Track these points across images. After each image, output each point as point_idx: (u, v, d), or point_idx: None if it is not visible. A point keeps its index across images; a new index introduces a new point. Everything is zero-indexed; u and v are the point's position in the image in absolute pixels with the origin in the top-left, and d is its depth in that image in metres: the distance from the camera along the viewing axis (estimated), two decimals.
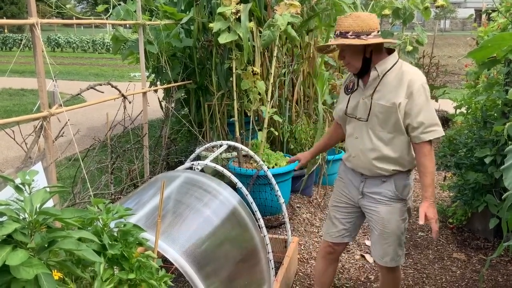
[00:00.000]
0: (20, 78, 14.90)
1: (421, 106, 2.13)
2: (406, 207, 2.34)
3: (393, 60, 2.23)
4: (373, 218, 2.37)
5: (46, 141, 2.59)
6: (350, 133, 2.39)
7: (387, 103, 2.17)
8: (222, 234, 2.15)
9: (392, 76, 2.20)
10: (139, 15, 3.95)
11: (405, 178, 2.31)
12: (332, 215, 2.57)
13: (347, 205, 2.50)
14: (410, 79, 2.15)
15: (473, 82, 4.72)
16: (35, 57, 2.49)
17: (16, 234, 1.10)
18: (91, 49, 27.41)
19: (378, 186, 2.32)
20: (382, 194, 2.31)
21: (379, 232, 2.36)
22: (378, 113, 2.21)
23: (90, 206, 1.45)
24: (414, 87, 2.13)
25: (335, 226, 2.54)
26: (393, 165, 2.26)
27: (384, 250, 2.37)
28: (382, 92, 2.20)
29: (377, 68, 2.22)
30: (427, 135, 2.15)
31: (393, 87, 2.18)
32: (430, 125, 2.14)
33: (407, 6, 6.11)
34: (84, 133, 7.30)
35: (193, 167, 2.45)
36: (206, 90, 4.94)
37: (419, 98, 2.13)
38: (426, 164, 2.18)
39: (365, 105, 2.26)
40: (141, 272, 1.38)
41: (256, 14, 4.25)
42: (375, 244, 2.43)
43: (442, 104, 7.42)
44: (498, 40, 1.59)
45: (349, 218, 2.51)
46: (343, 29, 2.17)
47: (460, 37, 27.79)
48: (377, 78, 2.22)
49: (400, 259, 2.42)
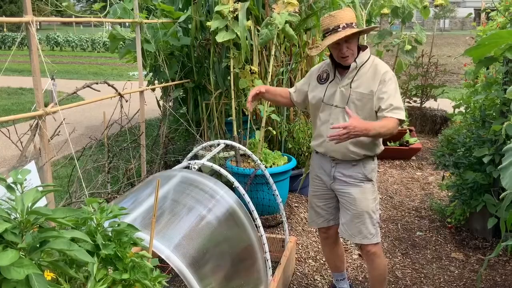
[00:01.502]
0: (19, 76, 14.88)
1: (391, 92, 2.38)
2: (374, 188, 2.58)
3: (368, 53, 2.51)
4: (346, 200, 2.57)
5: (41, 140, 2.58)
6: (325, 119, 2.57)
7: (365, 91, 2.42)
8: (218, 234, 2.14)
9: (367, 68, 2.46)
10: (137, 13, 3.93)
11: (372, 162, 2.56)
12: (312, 204, 2.80)
13: (323, 192, 2.71)
14: (384, 71, 2.43)
15: (472, 82, 4.71)
16: (30, 56, 2.48)
17: (6, 234, 1.09)
18: (90, 48, 27.38)
19: (348, 169, 2.54)
20: (352, 177, 2.53)
21: (352, 212, 2.55)
22: (355, 100, 2.44)
23: (84, 206, 1.43)
24: (387, 77, 2.41)
25: (317, 213, 2.78)
26: (364, 150, 2.48)
27: (357, 228, 2.56)
28: (360, 81, 2.44)
29: (356, 60, 2.46)
30: (393, 114, 2.35)
31: (369, 77, 2.43)
32: (397, 107, 2.36)
33: (405, 5, 6.10)
34: (81, 132, 7.29)
35: (190, 166, 2.43)
36: (204, 89, 4.93)
37: (391, 86, 2.39)
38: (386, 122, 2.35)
39: (342, 94, 2.48)
40: (135, 272, 1.37)
41: (254, 12, 4.23)
42: (347, 225, 2.60)
43: (441, 103, 7.41)
44: (495, 38, 1.58)
45: (329, 203, 2.72)
46: (348, 20, 2.39)
47: (459, 36, 27.79)
48: (355, 69, 2.46)
49: (373, 237, 2.58)
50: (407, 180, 5.34)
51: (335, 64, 2.54)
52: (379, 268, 2.66)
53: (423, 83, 7.36)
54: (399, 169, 5.76)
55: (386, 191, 4.96)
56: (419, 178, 5.40)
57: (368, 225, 2.55)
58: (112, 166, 3.87)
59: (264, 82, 4.06)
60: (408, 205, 4.60)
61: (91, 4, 42.70)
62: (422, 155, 6.23)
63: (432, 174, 5.51)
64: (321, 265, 3.42)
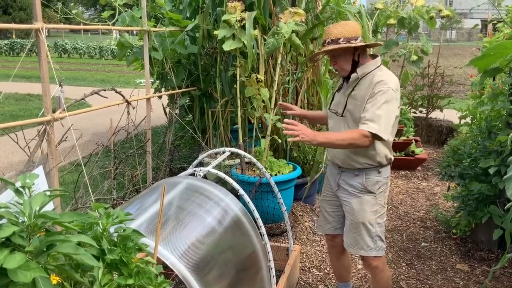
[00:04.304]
0: (27, 83, 15.01)
1: (373, 104, 2.33)
2: (376, 201, 2.52)
3: (374, 65, 2.46)
4: (346, 209, 2.59)
5: (49, 145, 2.60)
6: (331, 127, 2.64)
7: (357, 101, 2.43)
8: (223, 241, 2.14)
9: (368, 79, 2.43)
10: (145, 21, 3.97)
11: (376, 174, 2.51)
12: (322, 208, 2.82)
13: (332, 199, 2.73)
14: (379, 80, 2.37)
15: (478, 92, 4.71)
16: (39, 62, 2.51)
17: (14, 237, 1.09)
18: (98, 55, 27.58)
19: (351, 179, 2.55)
20: (353, 187, 2.54)
21: (350, 221, 2.57)
22: (350, 109, 2.47)
23: (90, 211, 1.44)
24: (376, 88, 2.35)
25: (325, 219, 2.80)
26: (364, 158, 2.47)
27: (354, 238, 2.57)
28: (357, 91, 2.45)
29: (358, 71, 2.46)
30: (363, 125, 2.32)
31: (365, 87, 2.42)
32: (370, 120, 2.30)
33: (412, 15, 6.12)
34: (88, 138, 7.33)
35: (196, 173, 2.44)
36: (210, 97, 4.95)
37: (377, 98, 2.33)
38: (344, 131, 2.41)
39: (342, 102, 2.53)
40: (140, 278, 1.37)
41: (260, 22, 4.26)
42: (346, 233, 2.62)
43: (447, 114, 7.40)
44: (500, 49, 1.58)
45: (336, 211, 2.73)
46: (334, 36, 2.40)
47: (466, 47, 27.76)
48: (356, 80, 2.46)
49: (371, 250, 2.55)
50: (413, 191, 5.33)
51: None
52: (381, 281, 2.64)
53: (429, 94, 7.35)
54: (405, 179, 5.74)
55: (391, 201, 4.94)
56: (425, 189, 5.38)
57: (365, 237, 2.53)
58: (118, 172, 3.89)
59: (270, 91, 4.08)
60: (413, 215, 4.58)
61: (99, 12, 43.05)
62: (428, 166, 6.21)
63: (437, 184, 5.49)
64: (325, 275, 3.40)
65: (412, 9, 6.22)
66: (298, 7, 4.24)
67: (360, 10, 4.98)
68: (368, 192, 2.51)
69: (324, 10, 4.56)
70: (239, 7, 3.88)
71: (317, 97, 4.76)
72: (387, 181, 2.57)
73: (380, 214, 2.55)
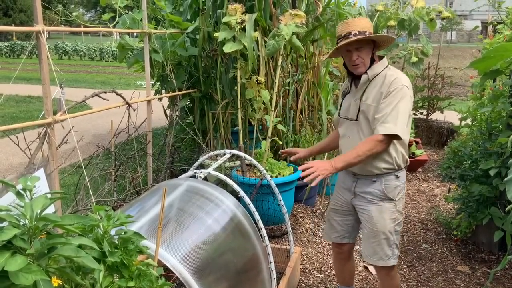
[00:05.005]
0: (27, 85, 15.01)
1: (388, 103, 2.28)
2: (395, 208, 2.46)
3: (382, 66, 2.42)
4: (363, 217, 2.51)
5: (49, 147, 2.60)
6: (343, 133, 2.56)
7: (373, 103, 2.35)
8: (223, 243, 2.14)
9: (378, 79, 2.38)
10: (145, 23, 3.98)
11: (394, 179, 2.45)
12: (329, 217, 2.75)
13: (342, 208, 2.66)
14: (393, 79, 2.33)
15: (479, 94, 4.71)
16: (40, 64, 2.51)
17: (15, 240, 1.10)
18: (98, 57, 27.60)
19: (368, 186, 2.46)
20: (372, 194, 2.45)
21: (368, 230, 2.48)
22: (364, 112, 2.39)
23: (91, 213, 1.44)
24: (392, 87, 2.30)
25: (332, 227, 2.72)
26: (383, 163, 2.39)
27: (373, 248, 2.48)
28: (370, 93, 2.38)
29: (368, 72, 2.39)
30: (380, 127, 2.26)
31: (377, 87, 2.36)
32: (387, 121, 2.25)
33: (412, 17, 6.12)
34: (89, 140, 7.33)
35: (196, 175, 2.44)
36: (210, 99, 4.96)
37: (392, 97, 2.28)
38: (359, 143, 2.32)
39: (355, 106, 2.44)
40: (141, 280, 1.37)
41: (261, 24, 4.27)
42: (364, 242, 2.54)
43: (447, 115, 7.40)
44: (500, 51, 1.59)
45: (346, 220, 2.67)
46: (361, 28, 2.34)
47: (466, 49, 27.77)
48: (367, 81, 2.40)
49: (389, 259, 2.48)
50: (413, 192, 5.32)
51: (352, 77, 2.50)
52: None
53: (429, 95, 7.36)
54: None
55: None
56: (425, 190, 5.38)
57: (384, 246, 2.45)
58: (119, 174, 3.89)
59: (270, 93, 4.08)
60: (414, 217, 4.58)
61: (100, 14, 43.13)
62: (428, 167, 6.21)
63: (438, 186, 5.49)
64: (326, 277, 3.40)
65: (412, 10, 6.22)
66: (299, 9, 4.24)
67: (360, 11, 5.00)
68: (388, 200, 2.43)
69: (325, 12, 4.57)
70: (239, 9, 3.88)
71: (318, 98, 4.76)
72: (404, 186, 2.51)
73: (399, 221, 2.49)
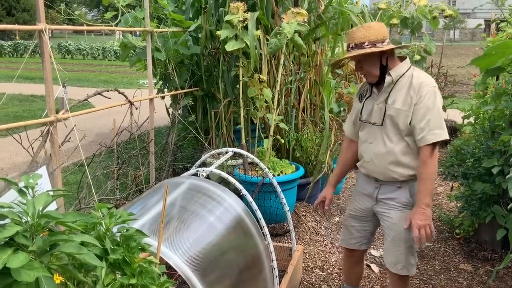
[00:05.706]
0: (30, 84, 15.05)
1: (427, 109, 2.19)
2: None
3: (406, 66, 2.32)
4: (386, 224, 2.42)
5: (52, 146, 2.61)
6: (364, 138, 2.45)
7: (402, 107, 2.25)
8: (226, 242, 2.14)
9: (404, 81, 2.28)
10: (147, 22, 3.98)
11: None
12: (347, 223, 2.66)
13: (361, 214, 2.57)
14: (421, 82, 2.23)
15: (482, 92, 4.69)
16: (43, 63, 2.52)
17: (17, 237, 1.10)
18: (101, 56, 27.64)
19: (392, 192, 2.38)
20: (396, 200, 2.37)
21: (391, 238, 2.40)
22: (392, 117, 2.28)
23: (93, 211, 1.45)
24: (424, 90, 2.20)
25: (350, 233, 2.64)
26: (408, 169, 2.30)
27: (397, 257, 2.39)
28: (396, 96, 2.28)
29: (391, 73, 2.29)
30: (429, 138, 2.18)
31: (405, 90, 2.25)
32: (434, 127, 2.18)
33: (415, 15, 6.10)
34: (92, 139, 7.34)
35: (199, 173, 2.44)
36: (212, 97, 4.96)
37: (428, 101, 2.19)
38: (420, 170, 2.23)
39: (379, 110, 2.33)
40: (143, 278, 1.38)
41: (263, 22, 4.26)
42: (387, 251, 2.45)
43: (450, 114, 7.37)
44: (502, 48, 1.58)
45: (365, 226, 2.59)
46: (358, 40, 2.25)
47: (469, 47, 27.69)
48: (391, 84, 2.30)
49: (412, 268, 2.41)
50: None
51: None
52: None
53: None
54: None
55: None
56: None
57: (407, 255, 2.37)
58: (121, 172, 3.90)
59: (272, 91, 4.08)
60: None
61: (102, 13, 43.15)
62: None
63: (441, 184, 5.48)
64: (328, 275, 3.40)
65: (415, 9, 6.20)
66: (301, 7, 4.24)
67: (363, 10, 4.98)
68: (412, 207, 2.32)
69: (327, 10, 4.56)
70: (241, 8, 3.88)
71: (320, 97, 4.76)
72: None
73: None
